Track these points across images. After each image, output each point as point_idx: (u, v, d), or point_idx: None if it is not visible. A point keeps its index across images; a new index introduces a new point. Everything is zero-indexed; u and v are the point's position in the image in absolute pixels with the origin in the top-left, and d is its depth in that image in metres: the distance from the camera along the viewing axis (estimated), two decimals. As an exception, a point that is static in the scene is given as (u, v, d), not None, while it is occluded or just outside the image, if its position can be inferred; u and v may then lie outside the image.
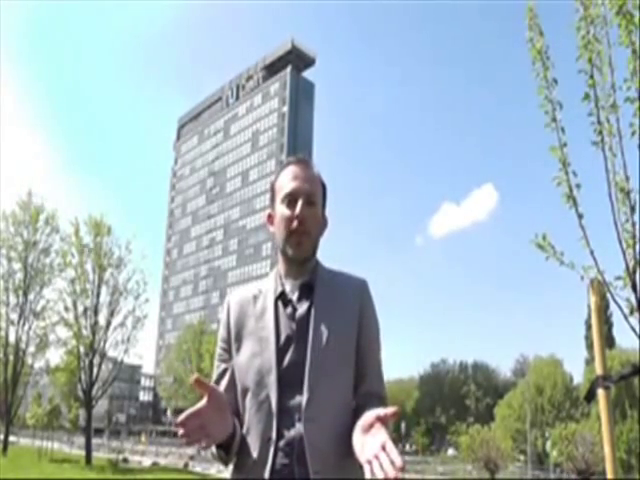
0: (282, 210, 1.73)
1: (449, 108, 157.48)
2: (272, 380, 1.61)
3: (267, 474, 1.54)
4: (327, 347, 1.64)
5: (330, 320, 1.68)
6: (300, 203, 1.70)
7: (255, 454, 1.59)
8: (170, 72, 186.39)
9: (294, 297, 1.73)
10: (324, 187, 1.81)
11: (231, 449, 1.60)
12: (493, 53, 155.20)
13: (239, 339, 1.73)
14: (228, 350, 1.76)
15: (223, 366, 1.77)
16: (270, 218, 1.81)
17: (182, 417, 1.38)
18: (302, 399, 1.58)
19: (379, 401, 1.70)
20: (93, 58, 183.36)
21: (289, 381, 1.61)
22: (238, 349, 1.72)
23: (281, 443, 1.56)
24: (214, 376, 1.80)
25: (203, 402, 1.44)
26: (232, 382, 1.72)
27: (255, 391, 1.63)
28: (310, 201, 1.72)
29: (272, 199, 1.81)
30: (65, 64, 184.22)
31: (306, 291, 1.73)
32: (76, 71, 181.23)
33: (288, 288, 1.75)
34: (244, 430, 1.65)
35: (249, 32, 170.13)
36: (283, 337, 1.67)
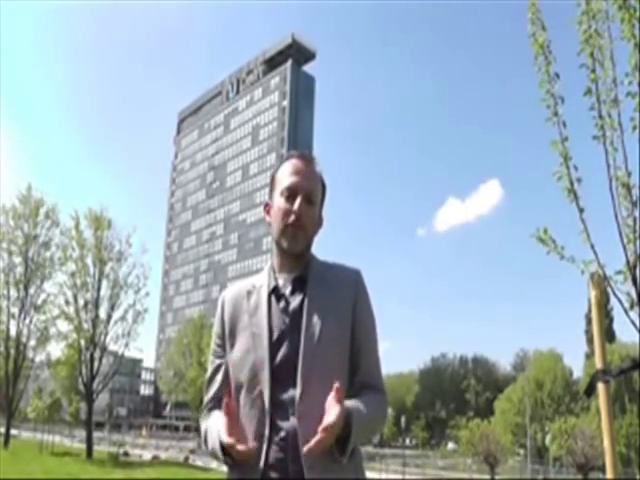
0: (280, 203, 1.72)
1: (454, 103, 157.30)
2: (265, 376, 1.61)
3: (261, 469, 1.54)
4: (320, 340, 1.62)
5: (323, 312, 1.66)
6: (299, 199, 1.70)
7: None
8: (170, 66, 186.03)
9: (287, 291, 1.72)
10: (324, 187, 1.80)
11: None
12: (499, 49, 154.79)
13: (233, 335, 1.73)
14: (222, 346, 1.77)
15: (217, 362, 1.78)
16: (267, 207, 1.80)
17: (230, 442, 1.51)
18: (295, 394, 1.58)
19: (375, 392, 1.69)
20: (94, 53, 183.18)
21: (282, 376, 1.60)
22: (232, 345, 1.73)
23: (275, 438, 1.56)
24: (209, 372, 1.80)
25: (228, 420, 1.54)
26: (226, 378, 1.73)
27: (249, 387, 1.63)
28: (309, 199, 1.72)
29: (271, 189, 1.80)
30: (65, 61, 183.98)
31: (299, 285, 1.72)
32: (76, 67, 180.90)
33: (281, 282, 1.74)
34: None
35: (249, 26, 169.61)
36: (276, 332, 1.66)
